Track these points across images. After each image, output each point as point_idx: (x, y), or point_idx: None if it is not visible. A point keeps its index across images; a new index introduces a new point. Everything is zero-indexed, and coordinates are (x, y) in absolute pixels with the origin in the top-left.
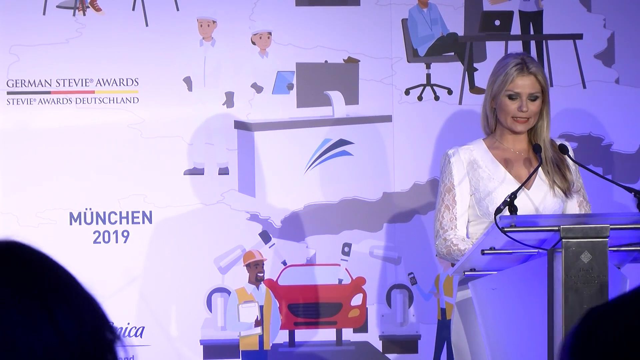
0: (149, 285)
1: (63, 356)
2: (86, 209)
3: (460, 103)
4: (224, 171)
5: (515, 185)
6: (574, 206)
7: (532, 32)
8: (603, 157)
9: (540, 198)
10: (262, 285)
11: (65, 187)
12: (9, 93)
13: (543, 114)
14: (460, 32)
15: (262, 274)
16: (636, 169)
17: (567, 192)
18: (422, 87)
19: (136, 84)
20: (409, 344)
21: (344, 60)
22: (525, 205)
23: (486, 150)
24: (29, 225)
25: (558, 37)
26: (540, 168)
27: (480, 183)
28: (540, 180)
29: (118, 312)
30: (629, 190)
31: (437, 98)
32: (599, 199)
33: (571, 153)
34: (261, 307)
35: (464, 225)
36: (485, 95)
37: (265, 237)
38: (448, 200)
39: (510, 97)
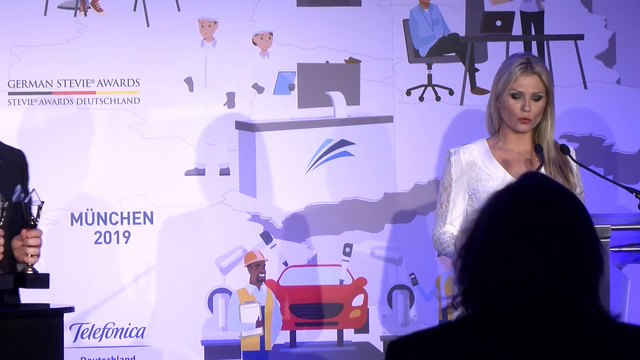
0: (150, 285)
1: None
2: (87, 209)
3: (461, 103)
4: (225, 172)
5: None
6: None
7: (533, 33)
8: (604, 157)
9: None
10: (264, 286)
11: (66, 188)
12: (10, 93)
13: (547, 114)
14: (462, 33)
15: (263, 275)
16: (637, 170)
17: None
18: (423, 88)
19: (137, 84)
20: None
21: (345, 60)
22: None
23: (487, 150)
24: None
25: (559, 38)
26: (542, 168)
27: (479, 184)
28: None
29: (119, 312)
30: (630, 190)
31: (438, 98)
32: (601, 199)
33: (573, 154)
34: (262, 308)
35: (453, 223)
36: (490, 95)
37: (266, 237)
38: (443, 198)
39: (514, 96)
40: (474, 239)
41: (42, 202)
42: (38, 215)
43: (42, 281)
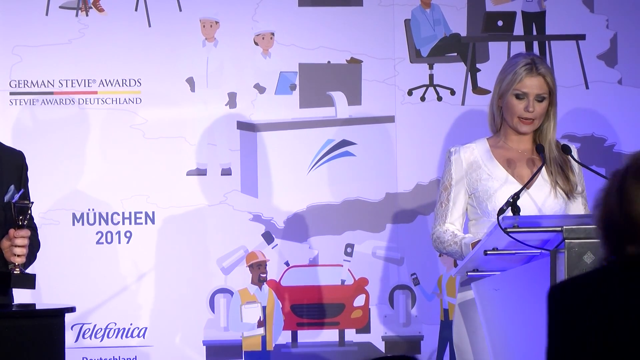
0: (152, 286)
1: None
2: (89, 209)
3: (463, 104)
4: (226, 172)
5: (516, 185)
6: (578, 208)
7: (534, 33)
8: (606, 157)
9: (542, 198)
10: (265, 286)
11: (68, 188)
12: (11, 93)
13: (550, 115)
14: (463, 33)
15: (264, 275)
16: None
17: (569, 193)
18: (424, 88)
19: (139, 84)
20: (411, 344)
21: (346, 60)
22: (526, 204)
23: (488, 149)
24: None
25: (561, 38)
26: (544, 168)
27: (479, 183)
28: (543, 180)
29: (120, 312)
30: None
31: (439, 99)
32: None
33: (575, 154)
34: (264, 308)
35: (454, 222)
36: (493, 93)
37: (268, 237)
38: (443, 197)
39: (518, 97)
40: (607, 207)
41: (32, 203)
42: (26, 216)
43: (27, 281)
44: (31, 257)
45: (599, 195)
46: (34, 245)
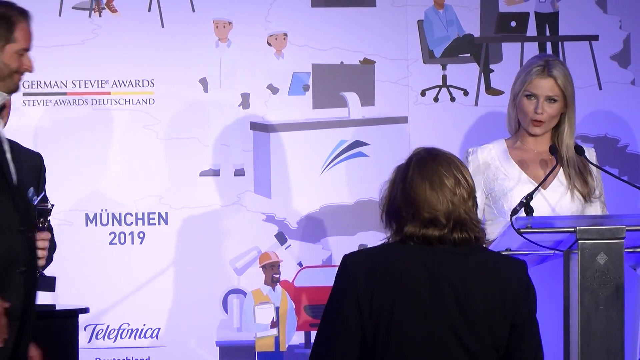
0: (165, 286)
1: None
2: (102, 210)
3: (476, 104)
4: (239, 172)
5: (530, 185)
6: (595, 212)
7: (548, 34)
8: (619, 158)
9: (556, 199)
10: (278, 287)
11: (81, 189)
12: (25, 94)
13: (565, 119)
14: (476, 33)
15: (278, 275)
16: None
17: (587, 197)
18: (438, 88)
19: (152, 85)
20: None
21: (359, 61)
22: (540, 205)
23: (505, 150)
24: None
25: (574, 39)
26: (562, 170)
27: (496, 183)
28: (558, 181)
29: (134, 313)
30: None
31: (453, 99)
32: (617, 200)
33: (589, 154)
34: (277, 309)
35: None
36: (510, 95)
37: (281, 238)
38: None
39: (528, 97)
40: (392, 194)
41: (52, 205)
42: (46, 219)
43: (48, 284)
44: (48, 258)
45: (385, 186)
46: (51, 247)
